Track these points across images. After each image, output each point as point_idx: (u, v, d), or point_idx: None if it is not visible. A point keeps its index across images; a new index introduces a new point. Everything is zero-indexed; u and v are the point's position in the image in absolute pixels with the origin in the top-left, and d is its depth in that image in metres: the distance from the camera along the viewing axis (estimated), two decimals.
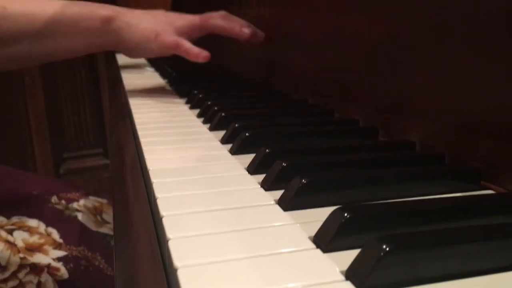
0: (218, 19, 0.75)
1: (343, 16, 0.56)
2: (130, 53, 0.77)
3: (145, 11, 0.77)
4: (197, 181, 0.36)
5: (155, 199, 0.33)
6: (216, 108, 0.58)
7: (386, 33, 0.47)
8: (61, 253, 0.61)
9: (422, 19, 0.42)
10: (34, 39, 0.69)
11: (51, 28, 0.69)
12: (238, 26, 0.74)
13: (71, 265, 0.60)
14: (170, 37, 0.71)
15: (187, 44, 0.71)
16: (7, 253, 0.58)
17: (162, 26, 0.72)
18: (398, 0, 0.45)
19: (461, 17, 0.37)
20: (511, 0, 0.33)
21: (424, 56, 0.42)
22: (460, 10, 0.37)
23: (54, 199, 0.70)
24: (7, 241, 0.59)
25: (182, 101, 0.71)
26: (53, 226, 0.64)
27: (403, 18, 0.44)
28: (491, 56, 0.35)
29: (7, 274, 0.56)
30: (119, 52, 0.87)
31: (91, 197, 0.74)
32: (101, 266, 0.64)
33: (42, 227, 0.63)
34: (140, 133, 0.51)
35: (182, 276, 0.23)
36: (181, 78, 0.86)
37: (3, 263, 0.57)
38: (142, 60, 1.23)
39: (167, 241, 0.26)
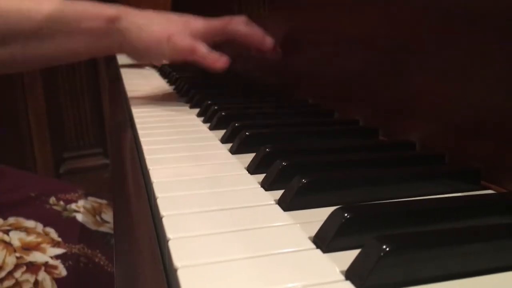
0: (240, 25, 0.67)
1: (343, 16, 0.56)
2: (137, 57, 0.70)
3: (157, 11, 0.70)
4: (197, 181, 0.36)
5: (155, 199, 0.33)
6: (216, 107, 0.58)
7: (387, 33, 0.47)
8: (59, 251, 0.60)
9: (423, 20, 0.42)
10: (30, 39, 0.63)
11: (49, 28, 0.64)
12: (261, 35, 0.67)
13: (70, 262, 0.60)
14: (184, 40, 0.64)
15: (204, 49, 0.63)
16: (2, 253, 0.57)
17: (176, 27, 0.65)
18: (398, 1, 0.45)
19: (461, 17, 0.37)
20: (511, 0, 0.33)
21: (424, 56, 0.42)
22: (460, 10, 0.37)
23: (52, 200, 0.69)
24: (3, 241, 0.59)
25: (182, 100, 0.71)
26: (51, 226, 0.64)
27: (404, 19, 0.44)
28: (491, 56, 0.35)
29: (3, 274, 0.56)
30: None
31: (90, 198, 0.74)
32: (102, 263, 0.63)
33: (39, 227, 0.63)
34: (140, 132, 0.51)
35: (182, 276, 0.23)
36: (181, 78, 0.86)
37: None
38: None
39: (167, 241, 0.26)
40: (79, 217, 0.68)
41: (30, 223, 0.63)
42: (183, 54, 0.65)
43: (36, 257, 0.59)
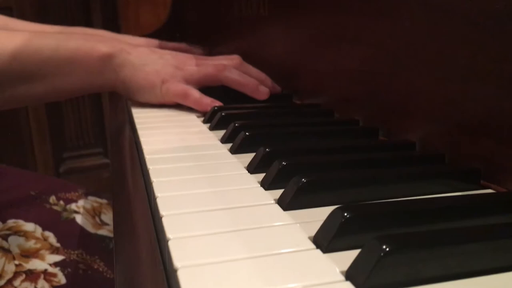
0: (233, 72, 0.66)
1: (344, 16, 0.55)
2: (129, 95, 0.67)
3: (152, 49, 0.69)
4: (197, 180, 0.36)
5: (155, 199, 0.33)
6: (216, 107, 0.58)
7: (387, 33, 0.47)
8: (58, 258, 0.60)
9: (423, 20, 0.42)
10: (21, 81, 0.61)
11: (42, 69, 0.62)
12: (254, 84, 0.66)
13: (69, 269, 0.59)
14: (178, 86, 0.64)
15: (196, 94, 0.63)
16: (1, 260, 0.57)
17: (170, 70, 0.65)
18: (399, 1, 0.45)
19: (461, 17, 0.37)
20: (510, 0, 0.33)
21: (424, 56, 0.42)
22: (460, 10, 0.37)
23: (52, 199, 0.69)
24: (2, 248, 0.58)
25: None
26: (50, 230, 0.63)
27: (404, 19, 0.44)
28: (491, 56, 0.35)
29: (2, 282, 0.55)
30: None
31: (90, 197, 0.73)
32: (101, 269, 0.63)
33: (38, 231, 0.62)
34: (140, 132, 0.51)
35: (182, 277, 0.23)
36: None
37: None
38: None
39: (167, 241, 0.26)
40: (79, 218, 0.68)
41: (29, 226, 0.62)
42: (176, 99, 0.64)
43: (35, 264, 0.58)
